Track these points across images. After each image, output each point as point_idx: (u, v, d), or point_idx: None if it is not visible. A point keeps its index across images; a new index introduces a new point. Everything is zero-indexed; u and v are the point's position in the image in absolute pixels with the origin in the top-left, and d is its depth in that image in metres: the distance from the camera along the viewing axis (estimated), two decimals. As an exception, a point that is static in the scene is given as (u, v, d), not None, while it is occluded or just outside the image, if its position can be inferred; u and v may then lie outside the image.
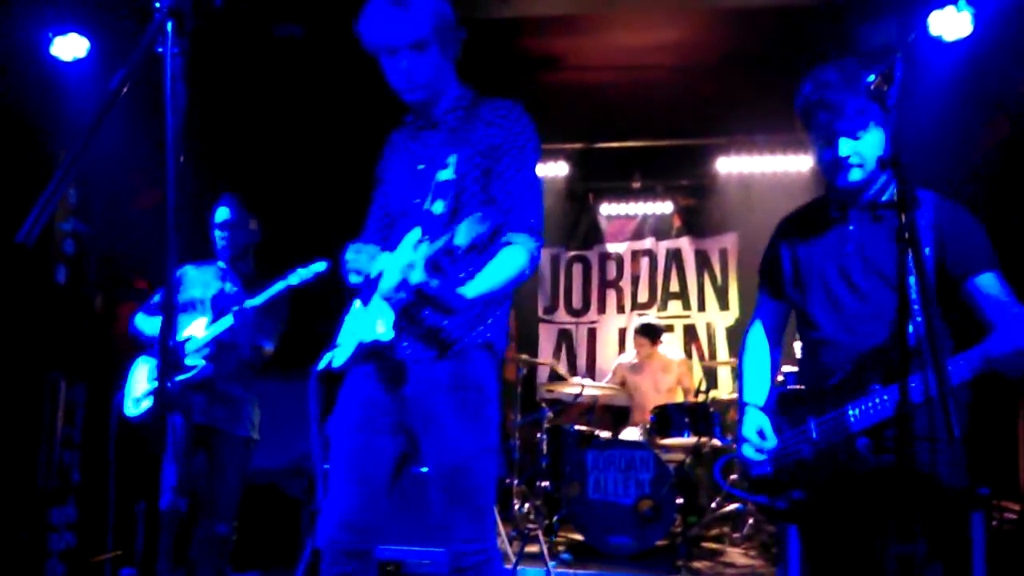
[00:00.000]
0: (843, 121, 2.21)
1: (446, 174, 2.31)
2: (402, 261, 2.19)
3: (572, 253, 7.91)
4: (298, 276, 3.63)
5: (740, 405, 2.55)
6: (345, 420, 2.40)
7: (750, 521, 5.58)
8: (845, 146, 2.23)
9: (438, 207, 2.28)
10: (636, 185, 7.62)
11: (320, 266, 3.60)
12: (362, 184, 2.74)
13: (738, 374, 2.67)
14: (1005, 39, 4.49)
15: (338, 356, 2.38)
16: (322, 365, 2.36)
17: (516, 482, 5.77)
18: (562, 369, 7.51)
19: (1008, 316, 2.10)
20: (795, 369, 2.60)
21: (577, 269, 7.92)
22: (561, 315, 7.86)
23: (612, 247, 7.85)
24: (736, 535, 5.58)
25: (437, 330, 2.32)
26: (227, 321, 3.64)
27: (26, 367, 4.68)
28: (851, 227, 2.34)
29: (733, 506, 5.66)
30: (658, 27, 5.53)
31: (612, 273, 7.83)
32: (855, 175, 2.26)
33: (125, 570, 4.39)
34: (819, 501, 2.29)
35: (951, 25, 4.42)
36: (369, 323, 2.31)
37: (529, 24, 5.42)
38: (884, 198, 2.30)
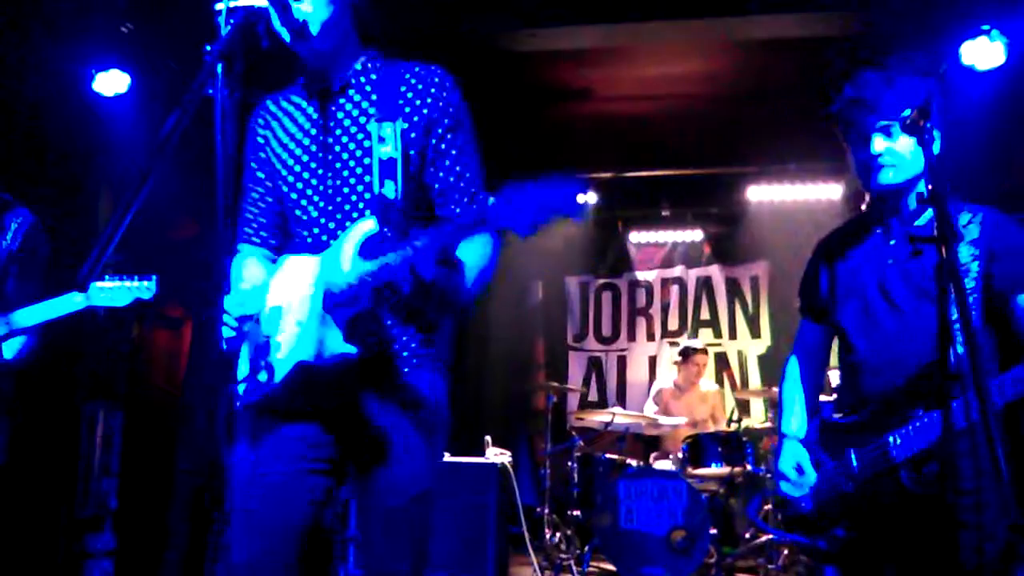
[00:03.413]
0: (877, 116, 2.09)
1: (387, 150, 1.90)
2: (346, 260, 1.75)
3: (601, 280, 7.93)
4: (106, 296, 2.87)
5: (779, 437, 2.39)
6: (263, 456, 1.93)
7: (785, 552, 5.51)
8: (878, 143, 2.10)
9: (389, 189, 1.88)
10: (665, 213, 7.64)
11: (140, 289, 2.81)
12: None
13: (778, 404, 2.49)
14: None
15: (260, 378, 1.87)
16: (255, 396, 1.85)
17: (547, 511, 5.75)
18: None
19: None
20: (832, 398, 2.44)
21: (606, 297, 7.93)
22: (591, 342, 7.86)
23: (642, 275, 7.86)
24: (771, 566, 5.51)
25: (389, 341, 1.92)
26: None
27: (64, 396, 4.76)
28: (893, 241, 2.18)
29: (767, 537, 5.60)
30: (687, 58, 5.57)
31: (642, 301, 7.84)
32: (886, 177, 2.11)
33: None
34: (863, 539, 2.10)
35: (984, 55, 4.40)
36: (306, 339, 1.80)
37: (558, 56, 5.48)
38: (919, 221, 2.15)
